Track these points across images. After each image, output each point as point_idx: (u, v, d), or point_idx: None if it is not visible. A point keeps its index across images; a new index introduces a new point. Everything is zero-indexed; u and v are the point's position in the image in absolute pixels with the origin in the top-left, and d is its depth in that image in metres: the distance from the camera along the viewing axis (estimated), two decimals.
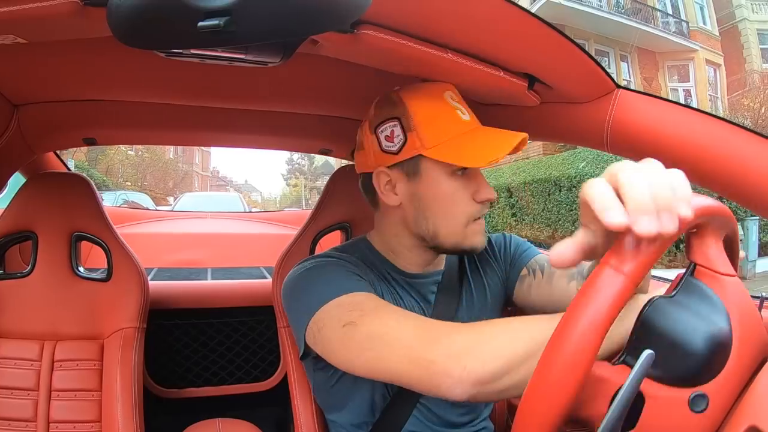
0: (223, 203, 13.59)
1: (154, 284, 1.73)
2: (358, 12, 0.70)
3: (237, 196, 16.53)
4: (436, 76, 1.08)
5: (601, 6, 16.07)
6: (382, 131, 1.05)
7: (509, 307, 1.28)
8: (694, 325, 0.59)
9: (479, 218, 1.06)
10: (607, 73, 1.03)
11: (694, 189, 0.60)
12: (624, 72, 17.10)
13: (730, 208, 0.68)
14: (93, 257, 2.08)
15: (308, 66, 1.14)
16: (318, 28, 0.75)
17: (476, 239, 1.07)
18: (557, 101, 1.14)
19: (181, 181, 37.22)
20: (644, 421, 0.59)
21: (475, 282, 1.22)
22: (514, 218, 12.21)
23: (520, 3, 0.83)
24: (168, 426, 1.67)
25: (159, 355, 1.90)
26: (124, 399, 1.38)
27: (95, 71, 1.21)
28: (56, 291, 1.45)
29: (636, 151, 1.05)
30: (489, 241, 1.26)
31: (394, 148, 1.03)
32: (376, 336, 0.88)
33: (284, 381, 1.52)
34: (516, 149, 0.98)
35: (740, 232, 0.70)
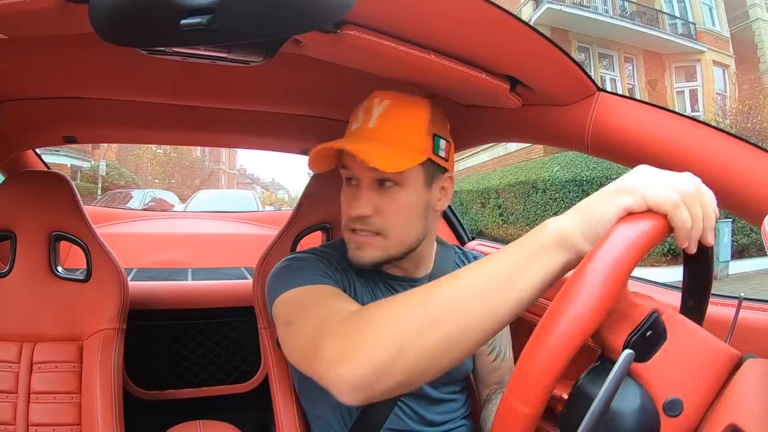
0: (237, 201, 13.37)
1: (133, 285, 1.71)
2: (341, 12, 0.71)
3: (251, 194, 16.36)
4: (419, 77, 1.08)
5: (607, 11, 16.14)
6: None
7: None
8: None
9: (356, 232, 1.09)
10: (589, 76, 1.04)
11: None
12: (628, 75, 17.16)
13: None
14: (72, 257, 2.06)
15: (291, 66, 1.14)
16: (301, 28, 0.75)
17: (351, 248, 1.10)
18: (539, 103, 1.15)
19: (207, 179, 37.60)
20: None
21: None
22: (501, 218, 12.58)
23: (524, 8, 0.84)
24: (148, 428, 1.66)
25: (139, 356, 1.88)
26: (103, 401, 1.37)
27: (77, 68, 1.20)
28: (35, 291, 1.43)
29: (616, 154, 1.07)
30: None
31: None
32: (300, 337, 0.89)
33: (265, 382, 1.52)
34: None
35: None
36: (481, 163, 16.12)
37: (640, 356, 0.63)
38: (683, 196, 0.63)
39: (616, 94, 1.07)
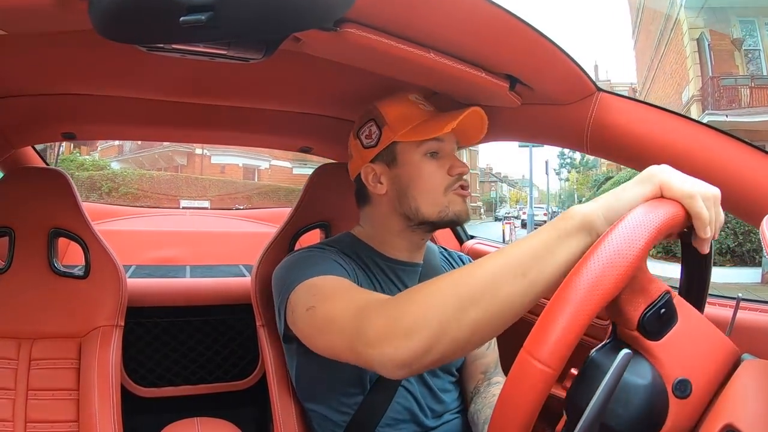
0: None
1: (132, 281, 1.71)
2: (341, 10, 0.71)
3: None
4: (418, 75, 1.08)
5: None
6: (362, 133, 1.23)
7: None
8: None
9: (458, 189, 1.17)
10: (588, 76, 1.04)
11: None
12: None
13: None
14: (70, 254, 2.06)
15: (290, 64, 1.13)
16: (301, 26, 0.75)
17: (458, 206, 1.17)
18: (538, 102, 1.15)
19: None
20: None
21: None
22: None
23: None
24: (146, 425, 1.66)
25: (137, 353, 1.88)
26: (101, 398, 1.37)
27: (75, 65, 1.20)
28: (33, 288, 1.43)
29: (615, 153, 1.07)
30: (467, 260, 1.41)
31: (373, 143, 1.20)
32: (328, 320, 0.93)
33: (263, 379, 1.52)
34: (475, 125, 1.18)
35: None
36: None
37: (654, 334, 0.64)
38: (701, 194, 0.67)
39: (615, 94, 1.07)
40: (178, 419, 1.54)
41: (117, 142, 25.55)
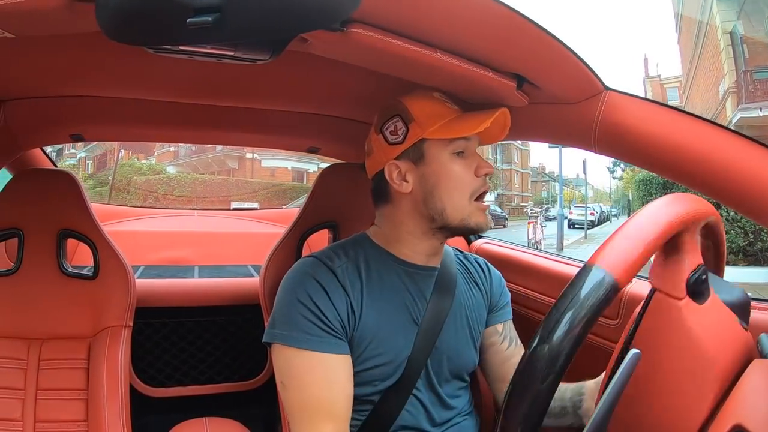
0: None
1: (140, 282, 1.72)
2: (347, 10, 0.71)
3: None
4: (425, 75, 1.08)
5: None
6: (386, 128, 1.17)
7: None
8: None
9: (483, 197, 1.16)
10: (596, 74, 1.04)
11: (683, 191, 0.66)
12: None
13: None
14: (79, 255, 2.07)
15: (298, 64, 1.13)
16: (307, 26, 0.75)
17: (480, 218, 1.15)
18: (546, 101, 1.15)
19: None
20: None
21: (466, 288, 1.28)
22: None
23: None
24: (155, 425, 1.67)
25: (145, 353, 1.89)
26: (110, 398, 1.37)
27: (83, 67, 1.20)
28: (42, 289, 1.44)
29: (623, 153, 1.06)
30: (484, 264, 1.37)
31: (399, 139, 1.15)
32: (292, 404, 1.07)
33: (272, 379, 1.52)
34: (500, 124, 1.16)
35: None
36: None
37: (699, 296, 0.69)
38: None
39: (623, 92, 1.06)
40: (187, 419, 1.54)
41: (173, 148, 27.95)
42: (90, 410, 1.37)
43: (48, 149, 2.19)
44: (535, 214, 21.76)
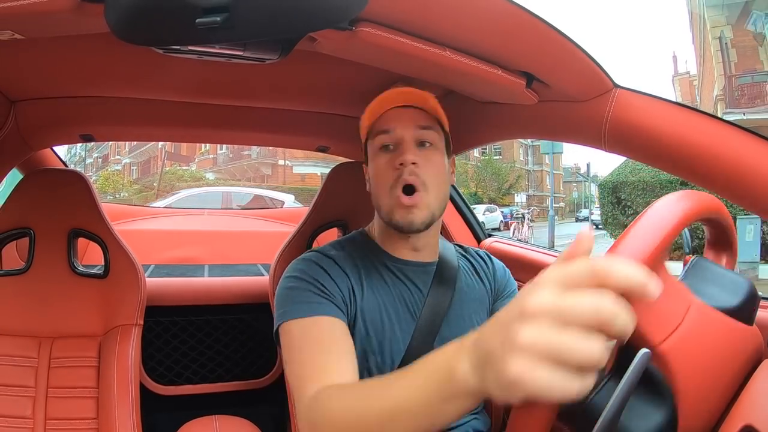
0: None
1: (151, 281, 1.72)
2: (356, 9, 0.71)
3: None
4: (434, 74, 1.08)
5: None
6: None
7: None
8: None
9: (406, 191, 1.09)
10: (606, 72, 1.03)
11: (692, 188, 0.66)
12: None
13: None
14: (90, 254, 2.08)
15: (306, 63, 1.14)
16: (316, 26, 0.75)
17: (399, 214, 1.10)
18: (555, 100, 1.14)
19: (516, 182, 40.17)
20: None
21: (468, 280, 1.25)
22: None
23: None
24: (165, 423, 1.67)
25: (156, 351, 1.90)
26: (120, 396, 1.38)
27: (93, 68, 1.21)
28: (53, 288, 1.45)
29: (633, 151, 1.06)
30: (485, 255, 1.34)
31: (363, 140, 1.20)
32: (290, 376, 1.01)
33: (281, 378, 1.53)
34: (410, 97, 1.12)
35: None
36: None
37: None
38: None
39: (634, 90, 1.05)
40: (196, 417, 1.55)
41: (212, 156, 30.91)
42: (100, 408, 1.38)
43: (94, 156, 2.20)
44: (519, 216, 22.11)
